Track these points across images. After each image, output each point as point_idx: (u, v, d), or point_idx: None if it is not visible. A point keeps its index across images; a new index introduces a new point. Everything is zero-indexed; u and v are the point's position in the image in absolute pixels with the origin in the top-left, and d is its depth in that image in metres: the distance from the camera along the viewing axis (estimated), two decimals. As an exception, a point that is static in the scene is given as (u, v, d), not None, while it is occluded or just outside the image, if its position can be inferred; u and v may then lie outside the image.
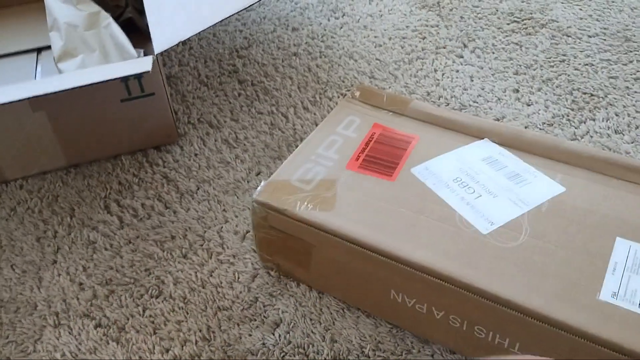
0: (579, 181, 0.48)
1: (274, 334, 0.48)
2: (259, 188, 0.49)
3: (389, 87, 0.73)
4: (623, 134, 0.65)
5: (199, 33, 0.83)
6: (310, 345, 0.47)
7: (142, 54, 0.65)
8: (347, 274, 0.47)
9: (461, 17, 0.84)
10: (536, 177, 0.49)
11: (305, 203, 0.47)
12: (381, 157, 0.52)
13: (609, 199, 0.47)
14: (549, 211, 0.46)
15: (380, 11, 0.87)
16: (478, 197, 0.47)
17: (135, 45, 0.70)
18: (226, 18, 0.60)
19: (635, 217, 0.45)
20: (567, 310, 0.39)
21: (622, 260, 0.42)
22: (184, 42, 0.81)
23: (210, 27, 0.61)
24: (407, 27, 0.83)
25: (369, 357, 0.46)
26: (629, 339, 0.37)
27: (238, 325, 0.49)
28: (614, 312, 0.39)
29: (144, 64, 0.51)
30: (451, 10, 0.86)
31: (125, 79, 0.59)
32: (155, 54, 0.58)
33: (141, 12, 0.76)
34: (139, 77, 0.59)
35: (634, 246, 0.43)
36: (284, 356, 0.47)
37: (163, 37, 0.60)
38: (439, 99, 0.71)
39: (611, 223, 0.45)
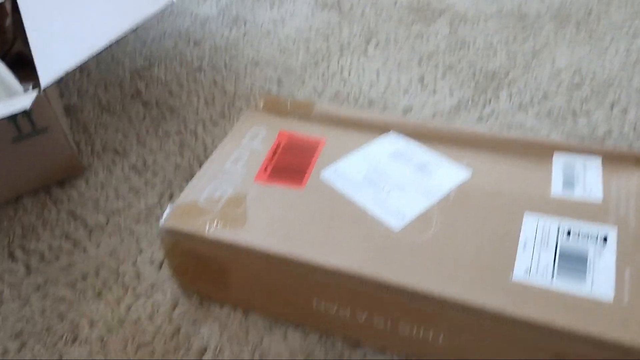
0: (484, 164, 0.49)
1: (200, 362, 0.46)
2: (164, 214, 0.47)
3: (298, 91, 0.72)
4: (527, 111, 0.67)
5: (96, 58, 0.80)
6: (240, 368, 0.46)
7: (30, 88, 0.61)
8: (268, 289, 0.46)
9: (362, 14, 0.84)
10: (442, 165, 0.49)
11: (215, 223, 0.46)
12: (289, 166, 0.51)
13: (514, 177, 0.47)
14: (457, 198, 0.46)
15: (281, 16, 0.86)
16: (388, 193, 0.47)
17: (26, 79, 0.66)
18: (114, 40, 0.58)
19: (540, 191, 0.46)
20: (483, 295, 0.39)
21: (531, 236, 0.42)
22: (81, 69, 0.78)
23: (101, 51, 0.58)
24: (309, 29, 0.82)
25: (301, 371, 0.45)
26: (545, 314, 0.37)
27: (162, 359, 0.46)
28: (528, 290, 0.39)
29: (24, 102, 0.48)
30: (351, 8, 0.86)
31: (13, 118, 0.55)
32: (42, 87, 0.55)
33: (29, 43, 0.72)
34: (27, 113, 0.56)
35: (541, 220, 0.43)
36: (213, 384, 0.45)
37: (49, 69, 0.57)
38: (348, 98, 0.71)
39: (518, 201, 0.45)
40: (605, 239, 0.41)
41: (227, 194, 0.49)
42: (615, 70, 0.71)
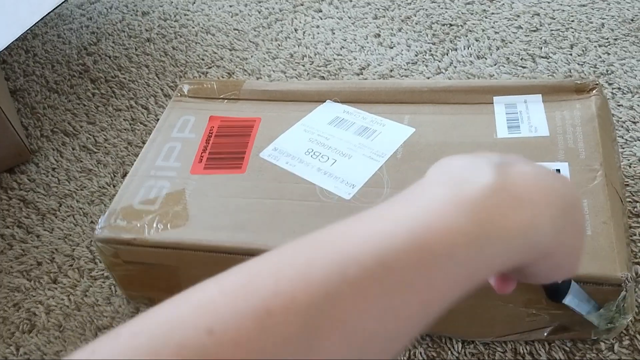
0: (426, 117, 0.47)
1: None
2: (99, 224, 0.44)
3: (251, 57, 0.70)
4: (485, 58, 0.65)
5: (42, 37, 0.77)
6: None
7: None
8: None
9: (314, -31, 0.81)
10: (384, 125, 0.48)
11: (155, 225, 0.43)
12: (225, 151, 0.48)
13: (459, 126, 0.46)
14: (404, 156, 0.45)
15: (232, -22, 0.83)
16: (333, 163, 0.46)
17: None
18: (46, 15, 0.56)
19: (486, 137, 0.45)
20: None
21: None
22: (26, 50, 0.75)
23: (36, 26, 0.56)
24: (261, -11, 0.80)
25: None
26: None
27: (120, 341, 0.46)
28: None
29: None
30: (303, -37, 0.83)
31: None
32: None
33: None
34: (-36, 100, 0.54)
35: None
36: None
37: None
38: (303, 59, 0.69)
39: (466, 149, 0.44)
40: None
41: (163, 191, 0.45)
42: (574, 10, 0.69)
